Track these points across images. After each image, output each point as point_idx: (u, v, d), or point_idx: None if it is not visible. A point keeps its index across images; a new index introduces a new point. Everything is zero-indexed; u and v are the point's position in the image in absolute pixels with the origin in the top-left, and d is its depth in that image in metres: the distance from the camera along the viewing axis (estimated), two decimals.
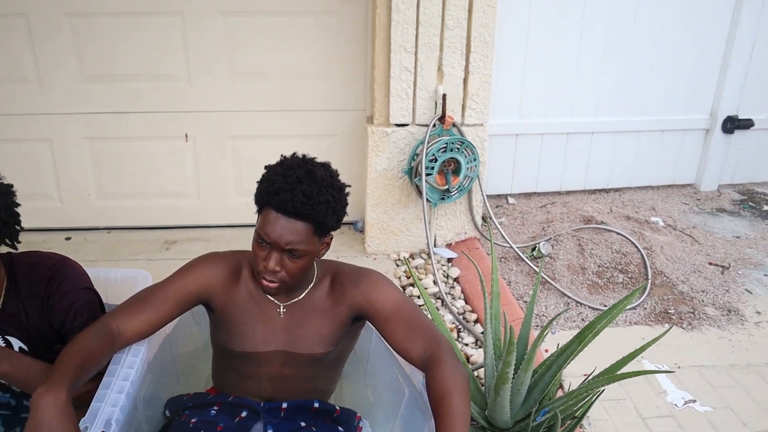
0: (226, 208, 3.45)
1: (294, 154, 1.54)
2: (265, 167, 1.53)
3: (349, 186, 1.60)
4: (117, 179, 3.37)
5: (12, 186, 1.52)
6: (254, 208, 1.54)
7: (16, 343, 1.61)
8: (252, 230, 1.56)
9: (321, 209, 1.44)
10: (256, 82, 3.25)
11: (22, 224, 1.54)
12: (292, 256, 1.46)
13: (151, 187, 3.40)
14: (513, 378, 1.67)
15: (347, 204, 1.57)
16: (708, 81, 3.97)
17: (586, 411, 1.79)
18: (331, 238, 1.58)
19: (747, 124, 4.07)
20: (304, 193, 1.42)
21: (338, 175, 1.57)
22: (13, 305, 1.59)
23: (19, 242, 1.54)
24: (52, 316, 1.61)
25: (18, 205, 1.52)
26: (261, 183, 1.49)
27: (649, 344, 1.75)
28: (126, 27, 3.11)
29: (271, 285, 1.50)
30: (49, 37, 3.09)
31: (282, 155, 1.54)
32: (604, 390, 1.81)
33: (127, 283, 1.95)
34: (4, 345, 1.59)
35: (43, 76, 3.17)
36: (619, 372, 1.79)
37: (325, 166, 1.54)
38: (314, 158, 1.54)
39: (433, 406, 1.43)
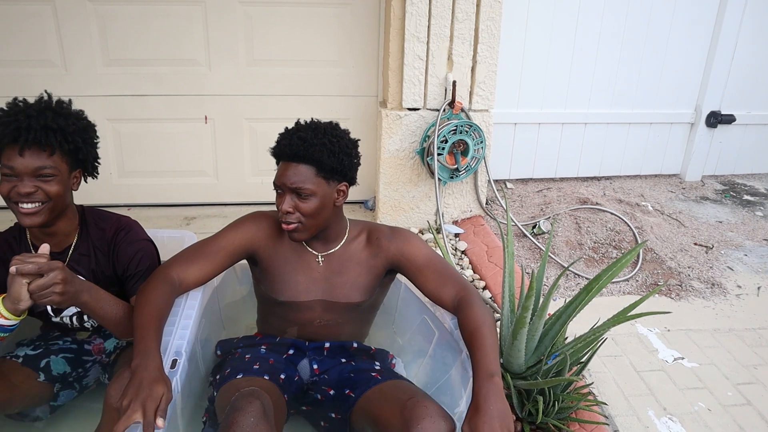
0: (242, 186, 3.64)
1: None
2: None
3: (359, 140, 1.82)
4: (138, 159, 3.53)
5: (95, 126, 1.74)
6: (270, 187, 1.77)
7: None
8: (267, 208, 1.82)
9: (316, 150, 1.65)
10: (273, 68, 3.44)
11: None
12: (300, 197, 1.67)
13: (171, 167, 3.57)
14: (529, 323, 1.88)
15: (357, 156, 1.78)
16: (693, 77, 4.22)
17: (593, 354, 2.00)
18: (347, 188, 1.77)
19: (729, 119, 4.33)
20: (300, 138, 1.66)
21: (348, 132, 1.79)
22: (84, 247, 1.77)
23: (97, 174, 1.76)
24: (118, 260, 1.79)
25: (96, 135, 1.74)
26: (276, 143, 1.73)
27: (644, 298, 1.96)
28: (149, 13, 3.26)
29: (289, 226, 1.70)
30: (73, 22, 3.23)
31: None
32: (606, 339, 2.03)
33: (175, 242, 2.13)
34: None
35: (68, 60, 3.31)
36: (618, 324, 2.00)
37: (331, 122, 1.77)
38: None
39: (466, 338, 1.63)
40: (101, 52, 3.32)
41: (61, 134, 1.58)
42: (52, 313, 1.81)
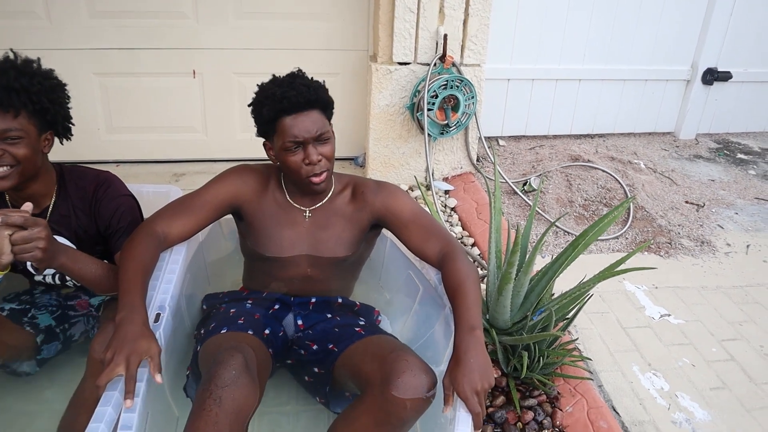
0: (232, 142, 3.60)
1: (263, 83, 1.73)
2: (251, 104, 1.72)
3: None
4: (126, 114, 3.48)
5: (66, 85, 1.67)
6: (260, 142, 1.73)
7: (65, 243, 1.76)
8: (256, 162, 1.75)
9: (321, 91, 1.67)
10: (262, 21, 3.36)
11: None
12: (321, 142, 1.66)
13: (160, 122, 3.52)
14: (515, 279, 1.88)
15: None
16: (690, 34, 4.16)
17: (579, 310, 2.01)
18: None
19: (726, 76, 4.27)
20: (303, 85, 1.64)
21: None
22: (63, 207, 1.75)
23: (71, 136, 1.70)
24: (99, 217, 1.76)
25: (67, 97, 1.67)
26: (262, 105, 1.66)
27: (631, 254, 1.96)
28: None
29: (322, 176, 1.69)
30: None
31: (257, 85, 1.73)
32: (592, 295, 2.04)
33: (160, 197, 2.11)
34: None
35: (53, 12, 3.22)
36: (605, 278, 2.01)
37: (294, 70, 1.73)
38: None
39: (449, 293, 1.63)
40: (87, 3, 3.23)
41: (24, 95, 1.52)
42: (33, 271, 1.80)
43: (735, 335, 2.40)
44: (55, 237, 1.74)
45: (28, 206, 1.48)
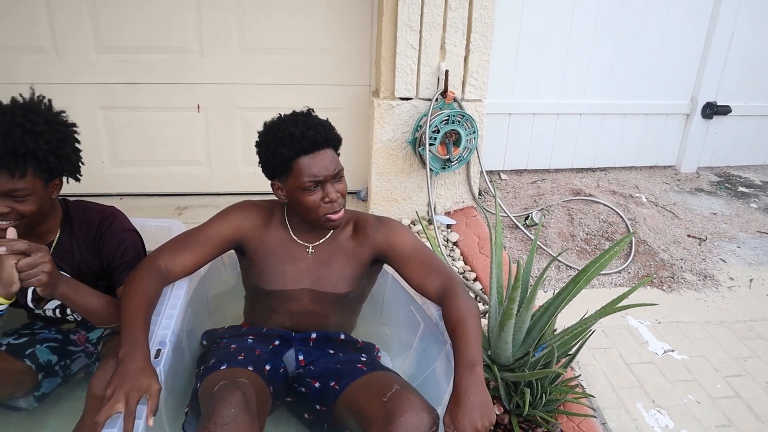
0: (235, 176, 3.62)
1: (266, 121, 1.75)
2: (260, 143, 1.73)
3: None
4: (130, 147, 3.51)
5: (74, 127, 1.65)
6: (263, 176, 1.75)
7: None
8: (260, 197, 1.76)
9: (334, 130, 1.72)
10: (265, 56, 3.41)
11: None
12: (337, 179, 1.69)
13: (164, 156, 3.55)
14: (516, 315, 1.88)
15: None
16: (689, 68, 4.20)
17: (582, 346, 1.99)
18: None
19: (725, 110, 4.31)
20: (320, 124, 1.68)
21: None
22: (67, 242, 1.76)
23: (80, 176, 1.68)
24: (103, 252, 1.77)
25: (75, 141, 1.64)
26: (279, 145, 1.66)
27: (633, 290, 1.95)
28: (140, 1, 3.23)
29: (340, 213, 1.72)
30: (65, 8, 3.20)
31: (258, 131, 1.75)
32: (594, 331, 2.03)
33: (162, 232, 2.12)
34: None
35: (60, 47, 3.28)
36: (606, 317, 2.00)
37: (294, 110, 1.76)
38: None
39: (450, 329, 1.63)
40: (93, 39, 3.29)
41: (32, 158, 1.48)
42: (33, 306, 1.79)
43: (740, 371, 2.37)
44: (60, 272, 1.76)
45: (12, 233, 1.49)
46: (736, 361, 2.44)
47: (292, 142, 1.64)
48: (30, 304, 1.78)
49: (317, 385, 1.69)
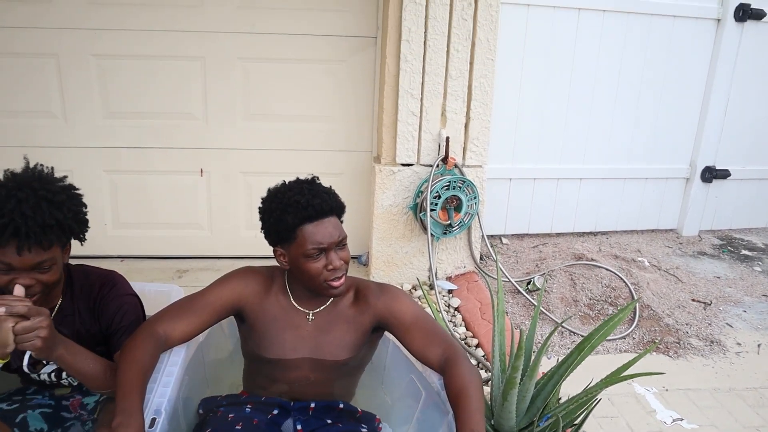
0: (236, 240, 3.63)
1: (270, 188, 1.76)
2: (264, 210, 1.73)
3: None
4: (133, 210, 3.54)
5: (79, 191, 1.67)
6: (264, 241, 1.75)
7: None
8: (261, 261, 1.75)
9: (338, 198, 1.73)
10: (269, 123, 3.47)
11: None
12: (341, 247, 1.68)
13: (166, 219, 3.57)
14: (520, 384, 1.84)
15: None
16: (687, 133, 4.26)
17: (587, 416, 1.94)
18: None
19: (724, 174, 4.34)
20: (325, 192, 1.69)
21: None
22: (69, 307, 1.75)
23: (85, 239, 1.69)
24: (102, 316, 1.76)
25: (85, 205, 1.67)
26: (284, 213, 1.66)
27: (638, 357, 1.92)
28: (149, 69, 3.33)
29: (342, 280, 1.71)
30: (76, 76, 3.30)
31: (262, 197, 1.76)
32: (600, 400, 1.98)
33: (162, 296, 2.10)
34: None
35: (68, 112, 3.36)
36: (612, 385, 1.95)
37: (297, 177, 1.77)
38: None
39: (452, 399, 1.59)
40: (101, 105, 3.37)
41: (59, 228, 1.53)
42: (28, 371, 1.77)
43: None
44: None
45: (20, 291, 1.48)
46: (747, 430, 2.38)
47: (298, 210, 1.64)
48: (26, 369, 1.76)
49: None
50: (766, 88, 4.27)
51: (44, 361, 1.75)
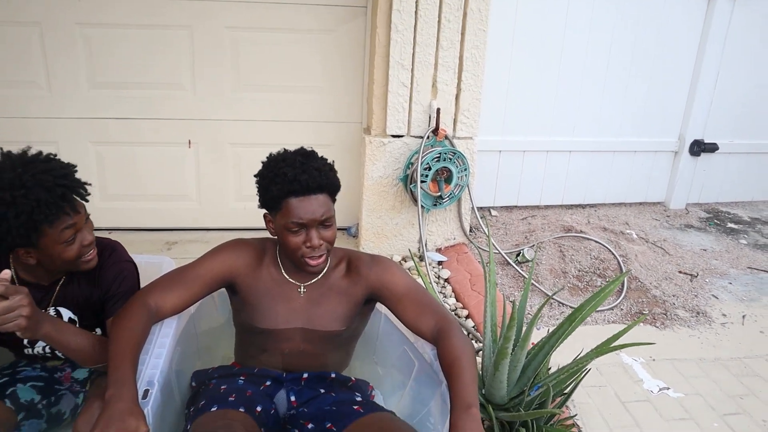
0: (225, 211, 3.61)
1: (271, 153, 1.74)
2: (258, 175, 1.72)
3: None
4: (121, 182, 3.49)
5: (74, 166, 1.65)
6: (253, 212, 1.72)
7: (66, 314, 1.75)
8: (250, 233, 1.72)
9: (331, 176, 1.67)
10: (258, 93, 3.43)
11: None
12: (324, 226, 1.65)
13: (154, 191, 3.53)
14: (511, 354, 1.85)
15: None
16: (677, 107, 4.26)
17: (577, 385, 1.97)
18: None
19: (712, 147, 4.36)
20: (315, 169, 1.64)
21: None
22: (69, 276, 1.75)
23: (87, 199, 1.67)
24: (102, 282, 1.76)
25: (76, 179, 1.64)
26: (271, 182, 1.65)
27: (628, 329, 1.95)
28: (135, 38, 3.26)
29: (320, 260, 1.68)
30: (60, 45, 3.22)
31: (262, 161, 1.73)
32: (589, 370, 2.01)
33: (153, 268, 2.09)
34: (54, 315, 1.73)
35: (53, 82, 3.29)
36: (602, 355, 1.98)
37: (303, 147, 1.74)
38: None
39: (445, 370, 1.60)
40: (87, 75, 3.30)
41: (80, 189, 1.60)
42: (28, 345, 1.76)
43: (736, 409, 2.35)
44: (59, 309, 1.73)
45: (6, 274, 1.46)
46: (732, 399, 2.42)
47: (284, 183, 1.62)
48: (25, 343, 1.75)
49: (311, 426, 1.65)
50: (756, 63, 4.27)
51: None
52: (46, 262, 1.61)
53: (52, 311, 1.74)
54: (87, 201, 1.65)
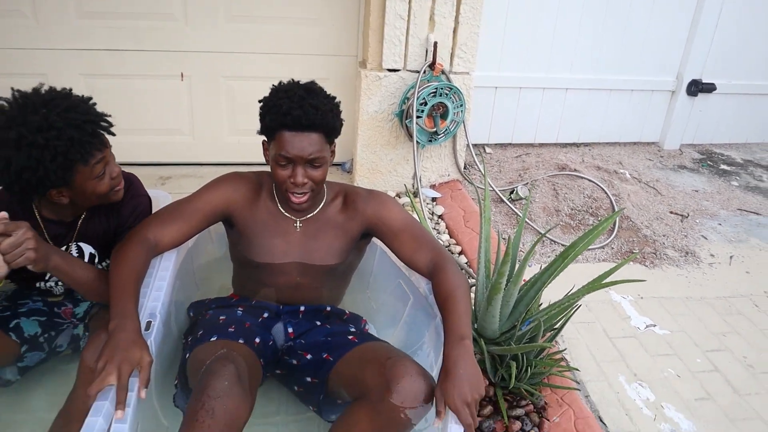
0: (219, 146, 3.57)
1: (281, 82, 1.70)
2: (262, 100, 1.69)
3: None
4: (112, 116, 3.43)
5: (91, 99, 1.66)
6: (247, 146, 1.70)
7: (87, 249, 1.77)
8: (244, 168, 1.71)
9: (329, 117, 1.63)
10: (252, 24, 3.34)
11: None
12: (313, 166, 1.64)
13: (146, 125, 3.48)
14: (504, 289, 1.89)
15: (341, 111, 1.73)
16: (676, 45, 4.20)
17: (567, 321, 2.02)
18: (335, 146, 1.76)
19: (710, 88, 4.33)
20: (312, 106, 1.60)
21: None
22: (89, 213, 1.75)
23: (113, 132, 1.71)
24: (120, 214, 1.77)
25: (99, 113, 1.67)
26: (267, 111, 1.64)
27: (618, 266, 1.97)
28: None
29: (303, 198, 1.68)
30: None
31: (273, 85, 1.69)
32: (579, 306, 2.05)
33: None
34: (76, 253, 1.75)
35: (39, 12, 3.18)
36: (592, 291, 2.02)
37: (313, 82, 1.70)
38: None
39: (439, 303, 1.64)
40: (75, 4, 3.19)
41: (106, 125, 1.64)
42: (41, 278, 1.78)
43: (719, 346, 2.42)
44: (80, 244, 1.75)
45: (3, 215, 1.46)
46: (715, 336, 2.49)
47: (277, 114, 1.61)
48: (38, 276, 1.77)
49: (309, 357, 1.69)
50: (760, 2, 4.19)
51: None
52: (79, 199, 1.61)
53: (74, 247, 1.75)
54: (114, 134, 1.67)
